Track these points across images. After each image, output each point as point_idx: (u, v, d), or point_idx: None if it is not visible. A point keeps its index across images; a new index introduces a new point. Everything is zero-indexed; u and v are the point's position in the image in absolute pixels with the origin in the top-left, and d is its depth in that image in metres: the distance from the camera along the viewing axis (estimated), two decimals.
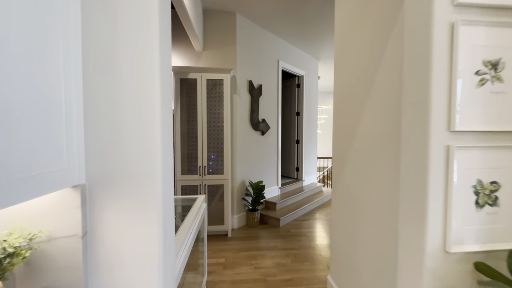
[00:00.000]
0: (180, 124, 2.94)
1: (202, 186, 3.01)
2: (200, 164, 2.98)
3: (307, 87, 4.82)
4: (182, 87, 2.94)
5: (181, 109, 2.94)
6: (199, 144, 2.97)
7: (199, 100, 2.95)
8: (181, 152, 2.96)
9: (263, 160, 3.80)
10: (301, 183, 4.73)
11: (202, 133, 2.97)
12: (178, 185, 2.96)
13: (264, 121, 3.73)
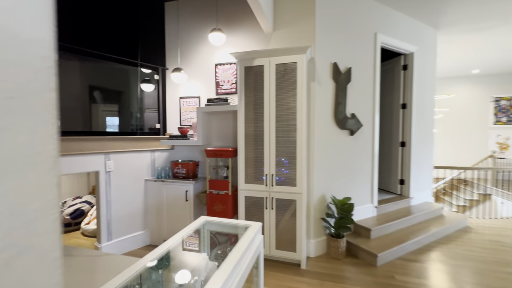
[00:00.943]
0: (244, 123, 2.44)
1: (269, 200, 2.41)
2: (266, 172, 2.39)
3: (419, 68, 3.44)
4: (248, 77, 2.43)
5: (245, 105, 2.44)
6: (265, 146, 2.39)
7: (266, 92, 2.36)
8: (245, 156, 2.46)
9: (352, 168, 2.84)
10: (407, 201, 3.41)
11: (270, 132, 2.37)
12: (241, 195, 2.47)
13: (353, 117, 2.78)
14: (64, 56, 3.33)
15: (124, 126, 3.67)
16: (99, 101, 3.52)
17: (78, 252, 1.06)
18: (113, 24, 3.27)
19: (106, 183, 2.57)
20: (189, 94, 3.06)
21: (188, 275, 1.04)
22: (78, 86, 3.38)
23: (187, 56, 3.08)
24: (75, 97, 3.41)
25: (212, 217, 1.50)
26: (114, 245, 2.65)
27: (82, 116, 3.43)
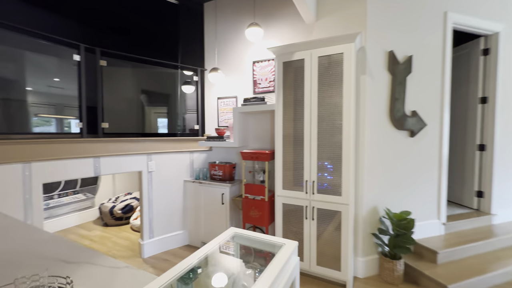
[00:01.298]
0: (282, 124, 2.24)
1: (309, 209, 2.15)
2: (307, 178, 2.15)
3: (506, 52, 2.71)
4: (286, 73, 2.22)
5: (284, 104, 2.23)
6: (305, 149, 2.14)
7: (307, 89, 2.11)
8: (282, 159, 2.25)
9: (413, 176, 2.37)
10: (487, 219, 2.73)
11: (311, 134, 2.11)
12: (278, 202, 2.28)
13: (414, 115, 2.31)
14: (120, 64, 3.62)
15: (169, 128, 3.82)
16: (146, 104, 3.73)
17: (100, 261, 1.02)
18: (157, 30, 3.41)
19: (148, 183, 2.67)
20: (226, 94, 2.99)
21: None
22: (134, 90, 3.62)
23: (224, 55, 3.01)
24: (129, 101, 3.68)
25: (241, 230, 1.35)
26: (155, 243, 2.74)
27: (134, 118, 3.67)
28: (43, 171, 1.97)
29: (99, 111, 2.34)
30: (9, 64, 2.67)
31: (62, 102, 2.57)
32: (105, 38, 3.30)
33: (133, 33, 3.46)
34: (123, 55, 2.64)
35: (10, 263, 1.03)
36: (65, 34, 2.25)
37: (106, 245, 3.03)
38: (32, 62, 2.88)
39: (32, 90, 2.89)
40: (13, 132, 2.13)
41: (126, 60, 2.78)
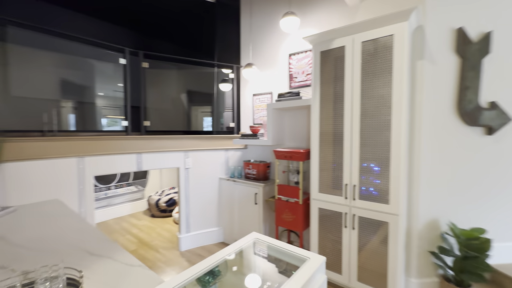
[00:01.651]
0: (319, 120, 2.02)
1: (349, 216, 1.90)
2: (346, 181, 1.89)
3: None
4: (324, 64, 1.99)
5: (321, 98, 2.01)
6: (345, 149, 1.89)
7: (347, 80, 1.85)
8: (319, 159, 2.04)
9: (490, 184, 1.88)
10: None
11: (352, 131, 1.85)
12: (314, 206, 2.07)
13: (494, 107, 1.82)
14: (160, 65, 3.86)
15: (205, 126, 3.90)
16: (186, 103, 3.90)
17: (119, 257, 1.02)
18: (195, 30, 3.51)
19: (185, 179, 2.75)
20: (261, 91, 2.89)
21: None
22: (173, 90, 3.83)
23: (259, 50, 2.90)
24: (170, 100, 3.90)
25: (263, 237, 1.22)
26: (192, 237, 2.82)
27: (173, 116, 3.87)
28: (94, 165, 2.19)
29: (142, 110, 2.50)
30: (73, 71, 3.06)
31: (113, 103, 2.84)
32: (146, 41, 3.55)
33: (172, 35, 3.64)
34: (163, 56, 2.77)
35: (47, 249, 1.12)
36: (113, 40, 2.45)
37: (151, 235, 3.26)
38: (89, 67, 3.25)
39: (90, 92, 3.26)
40: (67, 130, 2.41)
41: (166, 61, 2.91)
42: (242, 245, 1.18)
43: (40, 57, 2.81)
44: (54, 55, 2.91)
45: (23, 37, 2.58)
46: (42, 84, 2.84)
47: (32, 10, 2.63)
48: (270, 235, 2.63)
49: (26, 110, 2.61)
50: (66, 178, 2.04)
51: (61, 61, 2.99)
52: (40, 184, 1.91)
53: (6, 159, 1.72)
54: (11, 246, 1.14)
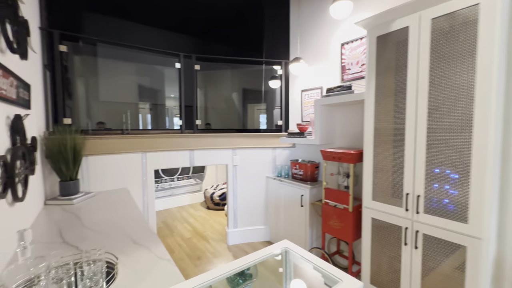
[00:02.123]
0: (374, 116, 1.75)
1: (410, 232, 1.59)
2: (408, 190, 1.58)
3: None
4: (381, 51, 1.70)
5: (376, 91, 1.73)
6: (407, 150, 1.58)
7: (411, 67, 1.53)
8: (373, 162, 1.77)
9: None
10: None
11: (416, 129, 1.53)
12: (366, 215, 1.82)
13: None
14: (222, 67, 4.07)
15: (252, 124, 3.94)
16: (237, 102, 4.00)
17: (155, 249, 1.10)
18: (244, 28, 3.54)
19: (233, 176, 2.84)
20: (310, 86, 2.70)
21: None
22: (224, 89, 3.99)
23: (308, 42, 2.71)
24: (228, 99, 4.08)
25: (294, 246, 1.12)
26: (238, 233, 2.89)
27: (223, 114, 4.04)
28: (154, 160, 2.47)
29: (194, 110, 2.68)
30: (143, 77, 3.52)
31: (174, 104, 3.14)
32: (199, 45, 3.78)
33: (223, 36, 3.77)
34: (213, 57, 2.90)
35: (105, 233, 1.30)
36: (170, 46, 2.69)
37: (204, 226, 3.51)
38: (156, 73, 3.67)
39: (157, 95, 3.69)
40: (135, 128, 2.77)
41: (216, 62, 3.04)
42: (271, 252, 1.11)
43: (119, 66, 3.33)
44: (128, 64, 3.41)
45: (107, 52, 3.09)
46: (119, 89, 3.36)
47: (112, 28, 3.13)
48: (316, 241, 2.46)
49: (110, 112, 3.13)
50: (133, 170, 2.36)
51: (134, 69, 3.48)
52: (113, 174, 2.26)
53: (88, 153, 2.11)
54: (82, 227, 1.38)
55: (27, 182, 1.26)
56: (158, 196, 4.19)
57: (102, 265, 0.91)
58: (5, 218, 1.02)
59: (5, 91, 1.05)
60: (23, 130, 1.27)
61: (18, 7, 1.19)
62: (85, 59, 2.82)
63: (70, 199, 1.80)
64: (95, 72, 3.02)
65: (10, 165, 1.03)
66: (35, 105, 1.62)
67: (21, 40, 1.23)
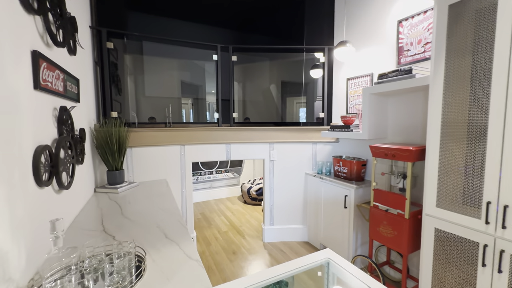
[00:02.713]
0: (442, 106, 1.42)
1: (490, 251, 1.25)
2: (490, 198, 1.24)
3: None
4: (454, 24, 1.36)
5: (446, 75, 1.40)
6: (490, 148, 1.24)
7: (501, 45, 1.18)
8: (439, 161, 1.45)
9: None
10: None
11: (505, 123, 1.18)
12: (427, 224, 1.52)
13: None
14: (260, 59, 3.96)
15: (291, 117, 3.73)
16: (275, 94, 3.83)
17: (184, 247, 1.05)
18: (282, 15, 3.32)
19: (270, 171, 2.71)
20: (358, 73, 2.38)
21: None
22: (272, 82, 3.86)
23: (356, 23, 2.38)
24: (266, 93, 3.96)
25: (338, 258, 0.95)
26: (275, 230, 2.78)
27: (260, 107, 3.91)
28: (191, 152, 2.49)
29: (231, 103, 2.62)
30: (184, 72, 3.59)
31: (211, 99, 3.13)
32: (235, 37, 3.69)
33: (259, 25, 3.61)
34: (250, 47, 2.78)
35: (141, 224, 1.31)
36: (208, 39, 2.66)
37: (241, 220, 3.48)
38: (196, 68, 3.72)
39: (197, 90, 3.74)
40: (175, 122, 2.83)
41: (254, 52, 2.91)
42: (312, 261, 0.96)
43: (163, 63, 3.46)
44: (171, 60, 3.51)
45: (151, 49, 3.23)
46: (163, 85, 3.50)
47: (154, 25, 3.25)
48: (361, 247, 2.20)
49: (155, 106, 3.28)
50: (172, 162, 2.42)
51: (176, 64, 3.57)
52: (155, 166, 2.34)
53: (132, 144, 2.21)
54: (121, 216, 1.41)
55: (74, 171, 1.33)
56: (197, 188, 4.33)
57: (131, 259, 0.88)
58: (51, 204, 1.07)
59: (50, 83, 1.09)
60: (70, 122, 1.34)
61: (63, 3, 1.23)
62: (131, 57, 2.98)
63: (116, 188, 1.90)
64: (141, 69, 3.19)
65: (55, 154, 1.07)
66: (85, 98, 1.72)
67: (67, 35, 1.29)
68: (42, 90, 1.01)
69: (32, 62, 0.94)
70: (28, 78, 0.92)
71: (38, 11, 0.97)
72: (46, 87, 1.04)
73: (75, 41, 1.48)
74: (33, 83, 0.95)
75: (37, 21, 1.00)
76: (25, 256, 0.82)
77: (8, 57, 0.78)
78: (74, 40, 1.45)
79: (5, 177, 0.73)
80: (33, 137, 0.94)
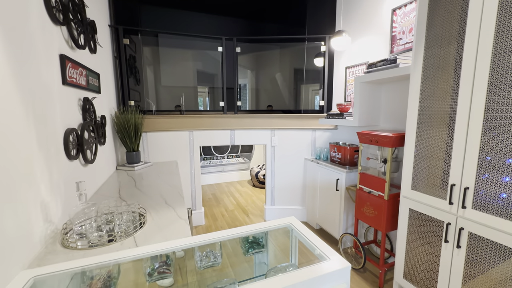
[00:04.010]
0: (419, 95, 1.51)
1: (452, 228, 1.38)
2: (454, 180, 1.35)
3: None
4: (434, 13, 1.42)
5: (425, 64, 1.48)
6: (457, 135, 1.33)
7: (468, 42, 1.24)
8: (415, 146, 1.55)
9: None
10: None
11: (471, 110, 1.26)
12: (403, 205, 1.65)
13: None
14: (270, 48, 4.06)
15: (294, 105, 3.82)
16: (281, 83, 3.94)
17: (179, 211, 1.31)
18: (285, 5, 3.36)
19: (271, 156, 2.91)
20: (355, 62, 2.44)
21: None
22: (285, 69, 3.97)
23: (353, 12, 2.40)
24: (275, 81, 4.07)
25: (298, 224, 1.15)
26: (275, 210, 3.01)
27: (260, 95, 4.05)
28: (199, 137, 2.76)
29: (235, 92, 2.81)
30: (196, 62, 3.82)
31: (215, 85, 3.34)
32: (244, 24, 3.79)
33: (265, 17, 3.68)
34: (253, 38, 2.91)
35: (149, 193, 1.60)
36: (215, 30, 2.84)
37: (247, 201, 3.77)
38: (207, 58, 3.92)
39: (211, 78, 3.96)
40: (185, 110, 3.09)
41: (258, 43, 3.04)
42: (277, 224, 1.17)
43: (177, 54, 3.70)
44: (185, 51, 3.75)
45: (165, 41, 3.48)
46: (179, 75, 3.76)
47: (169, 18, 3.47)
48: (351, 227, 2.36)
49: (169, 95, 3.57)
50: (182, 146, 2.71)
51: (190, 55, 3.81)
52: (167, 148, 2.65)
53: (147, 129, 2.52)
54: (134, 188, 1.72)
55: (96, 149, 1.64)
56: (210, 172, 4.67)
57: (135, 216, 1.16)
58: (79, 174, 1.38)
59: (75, 79, 1.37)
60: (92, 110, 1.64)
61: (83, 11, 1.49)
62: (149, 49, 3.26)
63: (133, 166, 2.23)
64: (158, 60, 3.47)
65: (80, 136, 1.37)
66: (105, 90, 2.02)
67: (88, 37, 1.55)
68: (69, 85, 1.29)
69: (60, 63, 1.21)
70: (57, 76, 1.19)
71: (63, 22, 1.23)
72: (72, 82, 1.32)
73: (95, 42, 1.76)
74: (62, 80, 1.23)
75: (62, 30, 1.26)
76: (61, 207, 1.13)
77: (42, 61, 1.05)
78: (94, 41, 1.73)
79: (45, 150, 1.02)
80: (63, 122, 1.23)
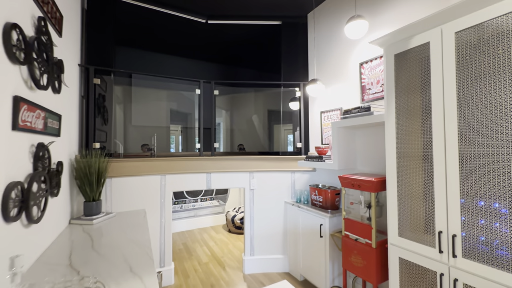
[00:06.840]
0: (395, 139, 1.57)
1: (446, 280, 1.31)
2: (440, 227, 1.34)
3: None
4: (400, 69, 1.57)
5: (397, 112, 1.57)
6: (436, 179, 1.36)
7: (435, 88, 1.37)
8: (397, 191, 1.56)
9: None
10: None
11: (446, 155, 1.32)
12: (392, 254, 1.58)
13: None
14: (246, 90, 4.18)
15: (271, 147, 3.86)
16: (258, 124, 4.00)
17: (147, 281, 1.07)
18: (262, 54, 3.62)
19: (250, 200, 2.76)
20: (329, 107, 2.58)
21: None
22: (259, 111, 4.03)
23: (325, 63, 2.64)
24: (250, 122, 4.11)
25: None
26: (255, 261, 2.74)
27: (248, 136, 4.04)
28: (172, 182, 2.53)
29: (212, 134, 2.74)
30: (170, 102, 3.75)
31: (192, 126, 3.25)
32: (220, 70, 3.94)
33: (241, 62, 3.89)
34: (231, 82, 2.98)
35: (109, 257, 1.32)
36: (193, 72, 2.86)
37: (223, 250, 3.42)
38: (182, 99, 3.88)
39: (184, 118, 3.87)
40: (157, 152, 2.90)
41: (235, 87, 3.11)
42: None
43: (150, 94, 3.61)
44: (158, 91, 3.68)
45: (140, 81, 3.40)
46: (151, 114, 3.62)
47: (145, 60, 3.47)
48: (338, 278, 2.20)
49: (140, 135, 3.36)
50: (152, 192, 2.45)
51: (164, 95, 3.74)
52: (134, 196, 2.37)
53: (112, 175, 2.25)
54: (90, 249, 1.42)
55: (46, 204, 1.36)
56: (181, 217, 4.26)
57: None
58: (18, 242, 1.09)
59: (30, 123, 1.18)
60: (47, 156, 1.40)
61: (51, 50, 1.37)
62: (120, 88, 3.13)
63: (91, 219, 1.90)
64: (129, 99, 3.33)
65: (26, 190, 1.12)
66: (67, 132, 1.80)
67: (52, 77, 1.41)
68: (20, 130, 1.10)
69: (12, 106, 1.04)
70: (7, 120, 1.00)
71: (23, 61, 1.09)
72: (24, 127, 1.13)
73: (60, 81, 1.60)
74: (12, 125, 1.04)
75: (22, 70, 1.12)
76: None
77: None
78: (60, 81, 1.58)
79: None
80: (6, 175, 1.00)
